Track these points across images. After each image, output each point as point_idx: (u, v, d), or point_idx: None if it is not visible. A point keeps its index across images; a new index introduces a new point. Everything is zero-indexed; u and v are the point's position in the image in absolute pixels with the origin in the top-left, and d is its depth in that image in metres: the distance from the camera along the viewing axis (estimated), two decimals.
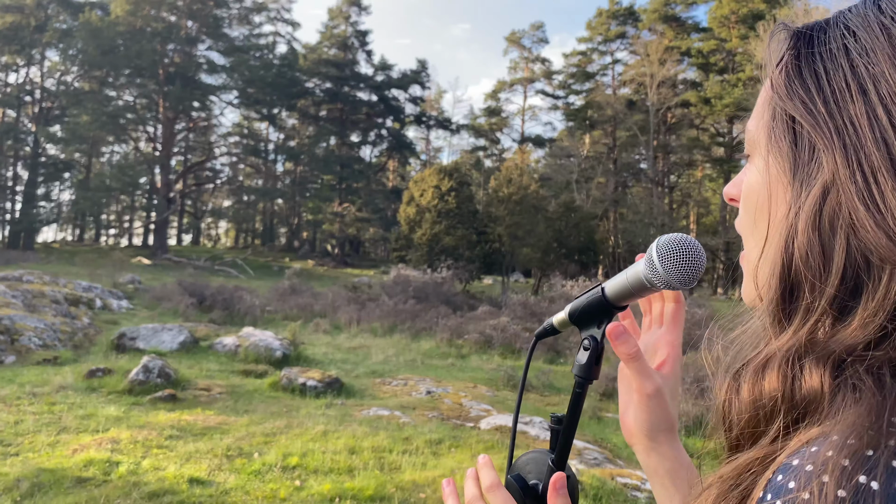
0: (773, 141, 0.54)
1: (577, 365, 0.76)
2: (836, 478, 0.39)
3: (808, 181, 0.50)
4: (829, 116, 0.50)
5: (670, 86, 47.56)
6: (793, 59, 0.54)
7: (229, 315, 17.60)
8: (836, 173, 0.48)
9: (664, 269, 0.67)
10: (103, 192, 38.36)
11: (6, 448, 5.99)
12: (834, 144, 0.49)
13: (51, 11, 42.65)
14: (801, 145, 0.51)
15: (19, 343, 10.95)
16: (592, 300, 0.77)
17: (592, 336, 0.76)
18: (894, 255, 0.45)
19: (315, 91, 52.02)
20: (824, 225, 0.48)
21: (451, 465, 5.87)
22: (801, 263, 0.50)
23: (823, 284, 0.48)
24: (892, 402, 0.42)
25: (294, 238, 57.00)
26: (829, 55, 0.52)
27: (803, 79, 0.52)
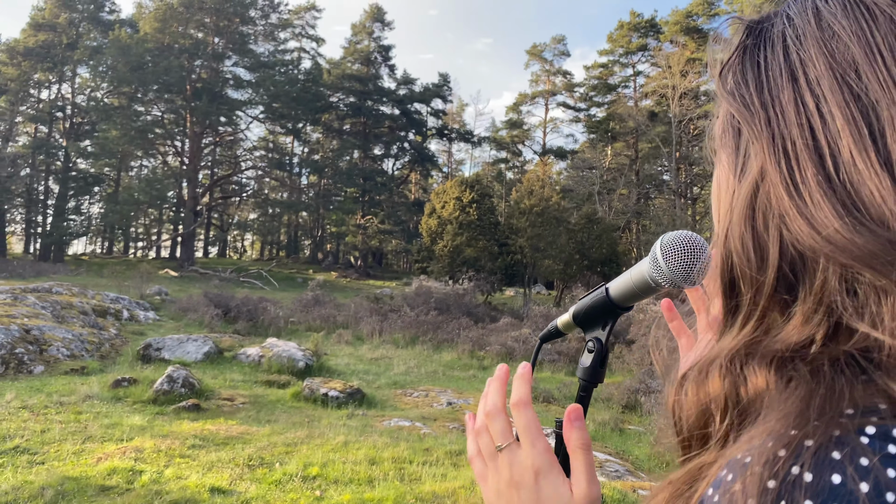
0: (722, 138, 0.54)
1: (582, 368, 0.74)
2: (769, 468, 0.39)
3: (744, 174, 0.49)
4: (761, 107, 0.49)
5: (692, 97, 47.25)
6: (740, 54, 0.53)
7: (254, 326, 17.75)
8: (765, 163, 0.47)
9: (668, 268, 0.65)
10: (132, 206, 39.01)
11: (32, 456, 6.09)
12: (763, 134, 0.48)
13: (82, 29, 43.73)
14: (742, 139, 0.50)
15: (48, 353, 11.13)
16: (596, 301, 0.75)
17: (597, 338, 0.74)
18: (818, 245, 0.43)
19: (339, 105, 52.54)
20: (758, 217, 0.47)
21: (471, 477, 5.86)
22: (736, 259, 0.49)
23: (760, 280, 0.47)
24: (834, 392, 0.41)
25: (318, 250, 57.41)
26: (770, 45, 0.51)
27: (745, 72, 0.52)
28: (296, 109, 44.33)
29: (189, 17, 40.66)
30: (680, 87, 45.18)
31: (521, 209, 32.77)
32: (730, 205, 0.50)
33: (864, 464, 0.37)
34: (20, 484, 5.22)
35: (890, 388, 0.40)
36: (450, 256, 31.88)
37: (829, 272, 0.44)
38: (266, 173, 49.04)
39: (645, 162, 51.49)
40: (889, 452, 0.37)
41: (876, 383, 0.41)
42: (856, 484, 0.36)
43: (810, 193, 0.45)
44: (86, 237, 51.87)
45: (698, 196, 53.04)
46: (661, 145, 47.44)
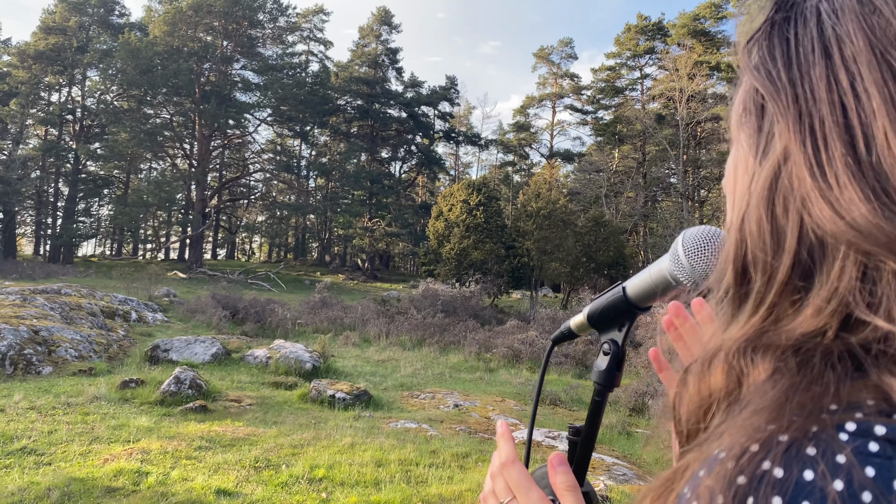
0: (741, 119, 0.50)
1: (597, 371, 0.72)
2: (739, 463, 0.38)
3: (765, 154, 0.46)
4: (789, 83, 0.45)
5: (700, 100, 47.12)
6: (767, 29, 0.49)
7: (261, 328, 17.78)
8: (789, 142, 0.44)
9: (691, 264, 0.62)
10: (141, 208, 39.17)
11: (39, 457, 6.10)
12: (788, 111, 0.45)
13: (92, 33, 44.00)
14: (766, 117, 0.47)
15: (56, 354, 11.17)
16: (613, 301, 0.71)
17: (613, 340, 0.72)
18: (840, 230, 0.40)
19: (346, 108, 52.65)
20: (778, 201, 0.44)
21: (477, 480, 5.83)
22: (752, 243, 0.46)
23: (775, 267, 0.44)
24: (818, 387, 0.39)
25: (325, 252, 57.50)
26: (802, 20, 0.47)
27: (772, 47, 0.48)
28: (303, 112, 44.44)
29: (198, 21, 40.83)
30: (687, 89, 45.06)
31: (528, 212, 32.73)
32: (748, 187, 0.47)
33: (840, 461, 0.36)
34: (26, 485, 5.23)
35: (882, 384, 0.38)
36: (456, 259, 31.86)
37: (848, 260, 0.41)
38: (274, 176, 49.16)
39: (652, 165, 51.37)
40: (868, 450, 0.36)
41: (869, 378, 0.39)
42: (827, 481, 0.35)
43: (836, 175, 0.41)
44: (95, 239, 52.12)
45: (706, 199, 52.86)
46: (668, 148, 47.31)
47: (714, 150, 49.69)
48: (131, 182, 50.21)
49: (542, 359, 14.68)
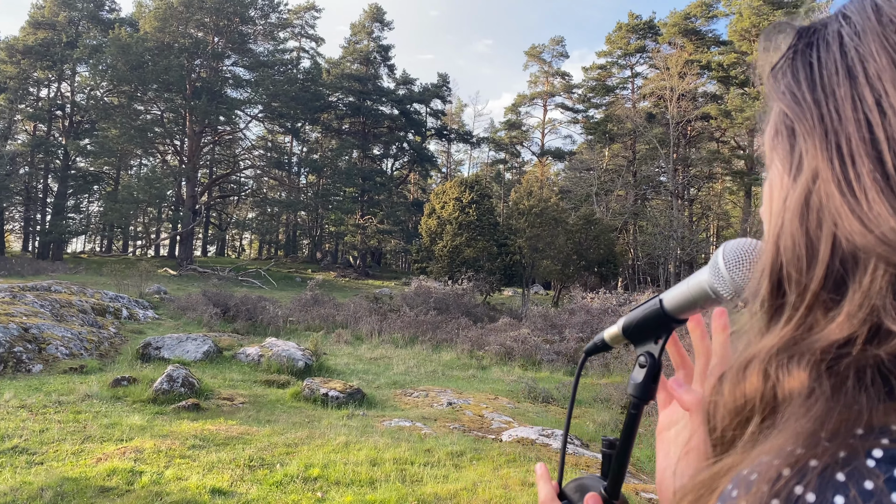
0: (774, 140, 0.52)
1: (633, 384, 0.70)
2: (773, 487, 0.39)
3: (798, 172, 0.48)
4: (815, 104, 0.48)
5: (690, 99, 47.30)
6: (790, 56, 0.52)
7: (252, 325, 17.73)
8: (817, 160, 0.46)
9: (732, 277, 0.61)
10: (131, 204, 38.90)
11: (31, 457, 6.05)
12: (815, 130, 0.47)
13: (81, 28, 43.63)
14: (797, 138, 0.49)
15: (46, 352, 11.09)
16: (650, 313, 0.70)
17: (649, 352, 0.70)
18: (870, 244, 0.42)
19: (338, 105, 52.48)
20: (811, 216, 0.46)
21: (473, 478, 5.84)
22: (786, 257, 0.48)
23: (809, 277, 0.46)
24: (851, 412, 0.40)
25: (316, 249, 57.34)
26: (824, 44, 0.49)
27: (796, 71, 0.50)
28: (295, 109, 44.24)
29: (189, 17, 40.57)
30: (678, 88, 45.20)
31: (520, 210, 32.78)
32: (782, 204, 0.49)
33: (868, 487, 0.37)
34: (19, 485, 5.20)
35: None
36: (449, 256, 31.87)
37: (878, 272, 0.42)
38: (265, 172, 48.94)
39: (642, 163, 51.53)
40: (894, 476, 0.37)
41: None
42: None
43: (865, 191, 0.43)
44: (84, 236, 51.78)
45: (695, 197, 53.09)
46: (658, 146, 47.47)
47: (704, 149, 49.90)
48: (121, 178, 49.88)
49: (534, 357, 14.72)
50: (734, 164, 48.69)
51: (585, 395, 11.68)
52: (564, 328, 18.45)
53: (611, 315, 20.66)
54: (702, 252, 49.38)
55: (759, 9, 44.54)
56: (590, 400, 11.24)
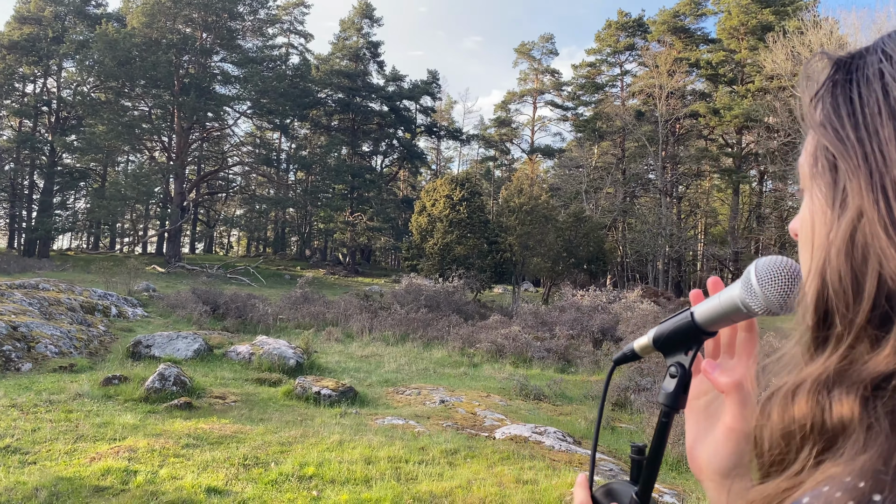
0: (814, 172, 0.54)
1: (664, 393, 0.72)
2: None
3: (842, 209, 0.49)
4: (858, 143, 0.49)
5: (679, 97, 47.52)
6: (830, 87, 0.53)
7: (242, 323, 17.67)
8: (863, 201, 0.48)
9: (764, 294, 0.63)
10: (119, 201, 38.62)
11: (24, 456, 6.02)
12: (860, 170, 0.48)
13: (68, 23, 43.20)
14: (839, 174, 0.51)
15: (36, 350, 11.03)
16: (681, 325, 0.72)
17: (679, 363, 0.72)
18: None
19: (327, 101, 52.30)
20: (857, 253, 0.48)
21: (467, 476, 5.87)
22: (833, 291, 0.49)
23: (855, 312, 0.48)
24: None
25: (305, 247, 57.17)
26: (864, 81, 0.51)
27: (837, 107, 0.52)
28: (284, 105, 44.02)
29: (177, 12, 40.27)
30: (667, 86, 45.39)
31: (511, 207, 32.84)
32: (826, 238, 0.51)
33: None
34: (13, 485, 5.18)
35: None
36: (440, 254, 31.89)
37: None
38: (253, 169, 48.70)
39: (631, 161, 51.74)
40: None
41: None
42: None
43: None
44: (71, 233, 51.35)
45: (683, 195, 53.37)
46: (647, 144, 47.68)
47: (692, 147, 50.16)
48: (108, 175, 49.49)
49: (525, 354, 14.77)
50: (722, 161, 49.00)
51: (576, 392, 11.74)
52: (555, 325, 18.52)
53: (601, 312, 20.76)
54: (689, 249, 49.70)
55: (748, 7, 44.80)
56: (580, 397, 11.31)
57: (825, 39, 32.63)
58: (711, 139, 51.01)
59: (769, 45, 35.84)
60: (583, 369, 14.26)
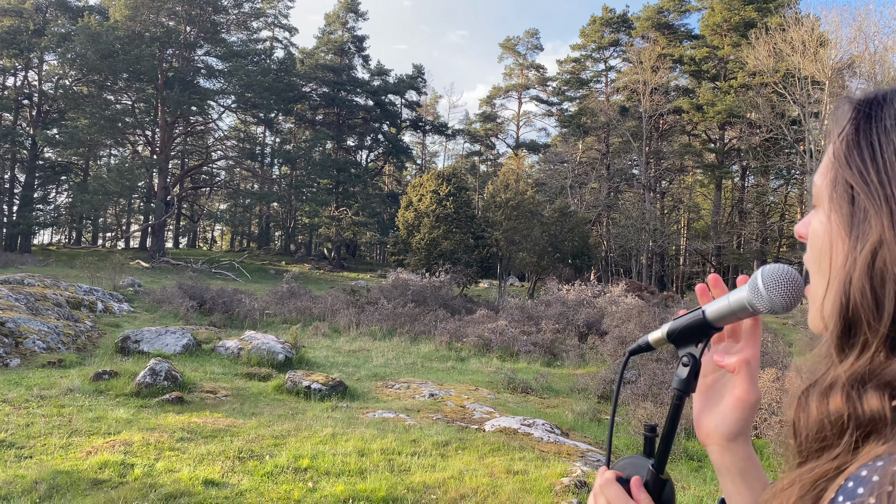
0: (834, 200, 0.64)
1: (678, 379, 0.84)
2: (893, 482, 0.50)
3: (862, 238, 0.60)
4: (880, 185, 0.60)
5: (663, 93, 47.90)
6: (853, 131, 0.64)
7: (229, 318, 17.69)
8: (884, 234, 0.58)
9: (769, 296, 0.75)
10: (102, 196, 38.27)
11: (20, 450, 6.07)
12: (882, 210, 0.59)
13: (49, 15, 42.61)
14: (857, 207, 0.61)
15: (23, 346, 11.01)
16: (693, 321, 0.84)
17: (691, 353, 0.84)
18: None
19: (312, 96, 52.12)
20: (876, 276, 0.58)
21: (459, 467, 6.01)
22: (857, 306, 0.60)
23: (877, 324, 0.58)
24: None
25: (290, 241, 57.02)
26: (883, 130, 0.62)
27: (861, 150, 0.63)
28: (268, 99, 43.80)
29: (160, 5, 39.91)
30: (651, 82, 45.74)
31: (497, 203, 32.99)
32: (845, 259, 0.62)
33: None
34: (12, 478, 5.24)
35: None
36: (426, 249, 31.98)
37: None
38: (237, 163, 48.46)
39: (616, 156, 52.10)
40: None
41: None
42: None
43: None
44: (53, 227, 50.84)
45: (667, 190, 53.83)
46: (631, 140, 48.04)
47: (676, 142, 50.59)
48: (91, 169, 49.00)
49: (511, 348, 14.94)
50: (705, 157, 49.49)
51: (562, 385, 11.92)
52: (541, 320, 18.71)
53: (586, 307, 20.98)
54: (672, 244, 50.18)
55: (731, 4, 45.20)
56: (567, 390, 11.48)
57: (806, 36, 33.08)
58: (695, 135, 51.50)
59: (752, 42, 36.24)
60: (569, 363, 14.45)
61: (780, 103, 37.14)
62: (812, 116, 34.24)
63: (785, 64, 34.29)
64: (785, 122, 36.57)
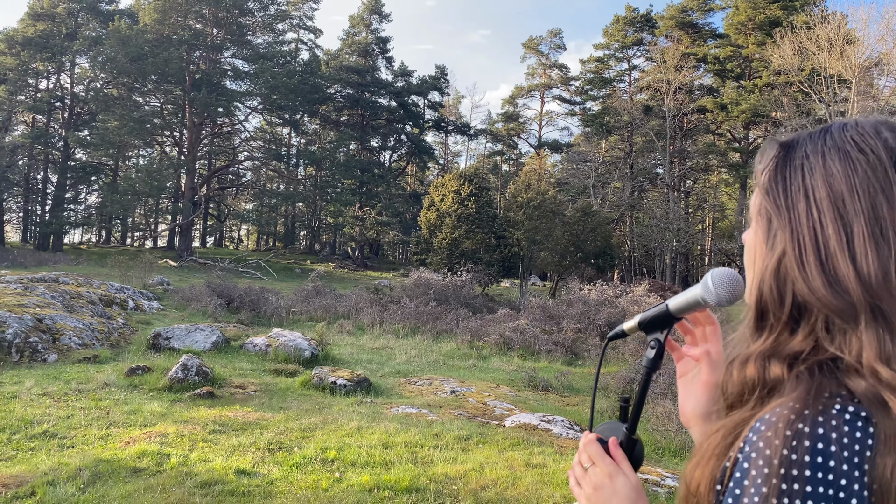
0: (758, 220, 0.86)
1: (647, 359, 1.04)
2: (785, 423, 0.71)
3: (772, 249, 0.81)
4: (787, 209, 0.80)
5: (687, 92, 47.59)
6: (773, 167, 0.85)
7: (256, 316, 18.03)
8: (786, 247, 0.79)
9: (716, 293, 0.94)
10: (131, 196, 39.09)
11: (62, 440, 6.40)
12: (786, 227, 0.80)
13: (81, 20, 43.63)
14: (772, 226, 0.82)
15: (60, 342, 11.41)
16: (659, 313, 1.04)
17: (657, 339, 1.04)
18: (813, 301, 0.76)
19: (336, 97, 52.61)
20: (780, 277, 0.79)
21: (480, 460, 6.22)
22: (767, 299, 0.81)
23: (780, 313, 0.79)
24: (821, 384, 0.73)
25: (315, 241, 57.61)
26: (792, 168, 0.82)
27: (776, 183, 0.83)
28: (293, 101, 44.32)
29: (188, 8, 40.63)
30: (674, 81, 45.49)
31: (519, 203, 33.10)
32: (763, 264, 0.82)
33: (834, 423, 0.69)
34: (57, 465, 5.55)
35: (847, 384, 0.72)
36: (448, 249, 32.20)
37: (818, 315, 0.76)
38: (263, 164, 49.11)
39: (639, 155, 51.86)
40: (846, 418, 0.70)
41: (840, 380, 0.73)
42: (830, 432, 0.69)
43: (810, 270, 0.76)
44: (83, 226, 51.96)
45: (691, 189, 53.47)
46: (655, 139, 47.80)
47: (700, 141, 50.25)
48: (120, 170, 50.00)
49: (532, 347, 15.09)
50: (730, 156, 49.06)
51: (583, 384, 12.07)
52: (562, 319, 18.82)
53: (608, 306, 21.05)
54: (697, 244, 49.83)
55: (756, 2, 44.78)
56: (587, 389, 11.62)
57: (833, 34, 32.72)
58: (719, 134, 51.08)
59: (777, 41, 35.90)
60: (590, 362, 14.57)
61: (806, 102, 36.75)
62: (838, 115, 33.84)
63: (810, 62, 33.92)
64: (810, 121, 36.17)
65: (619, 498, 0.99)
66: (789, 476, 0.69)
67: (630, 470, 1.02)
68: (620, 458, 1.04)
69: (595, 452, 1.05)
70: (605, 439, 1.06)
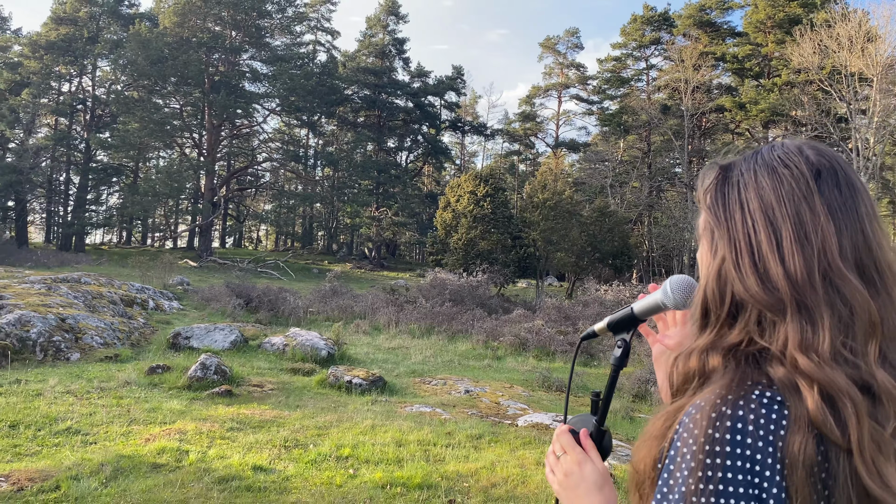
0: (703, 233, 0.98)
1: (614, 357, 1.15)
2: (710, 406, 0.82)
3: (715, 257, 0.93)
4: (725, 220, 0.92)
5: (705, 91, 47.23)
6: (713, 187, 0.97)
7: (274, 316, 18.22)
8: (725, 255, 0.90)
9: (674, 298, 1.06)
10: (151, 197, 39.62)
11: (85, 437, 6.57)
12: (725, 236, 0.91)
13: (102, 23, 44.27)
14: (714, 238, 0.94)
15: (83, 341, 11.64)
16: (625, 316, 1.15)
17: (623, 339, 1.15)
18: (748, 298, 0.87)
19: (354, 98, 52.90)
20: (721, 279, 0.91)
21: (491, 458, 6.30)
22: (709, 299, 0.92)
23: (720, 311, 0.90)
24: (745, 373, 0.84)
25: (332, 241, 57.96)
26: (730, 184, 0.95)
27: (716, 198, 0.95)
28: (311, 102, 44.65)
29: (207, 11, 41.09)
30: (692, 80, 45.18)
31: (535, 203, 33.10)
32: (707, 270, 0.94)
33: (753, 407, 0.80)
34: (80, 461, 5.71)
35: (769, 373, 0.83)
36: (464, 249, 32.28)
37: (752, 311, 0.87)
38: (282, 165, 49.52)
39: (657, 155, 51.57)
40: (764, 402, 0.80)
41: (763, 369, 0.84)
42: (749, 414, 0.80)
43: (746, 271, 0.88)
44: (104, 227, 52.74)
45: None
46: (673, 138, 47.52)
47: (718, 141, 49.87)
48: (141, 171, 50.66)
49: (548, 347, 15.15)
50: None
51: (598, 384, 12.09)
52: (578, 320, 18.84)
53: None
54: None
55: (775, 0, 44.37)
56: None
57: (854, 31, 32.36)
58: (738, 133, 50.66)
59: (796, 39, 35.55)
60: (604, 363, 14.59)
61: (826, 101, 36.35)
62: (859, 113, 33.47)
63: (831, 60, 33.55)
64: (830, 120, 35.80)
65: (587, 483, 1.09)
66: (712, 451, 0.79)
67: (598, 458, 1.12)
68: (589, 447, 1.13)
69: (567, 442, 1.14)
70: (576, 430, 1.16)
